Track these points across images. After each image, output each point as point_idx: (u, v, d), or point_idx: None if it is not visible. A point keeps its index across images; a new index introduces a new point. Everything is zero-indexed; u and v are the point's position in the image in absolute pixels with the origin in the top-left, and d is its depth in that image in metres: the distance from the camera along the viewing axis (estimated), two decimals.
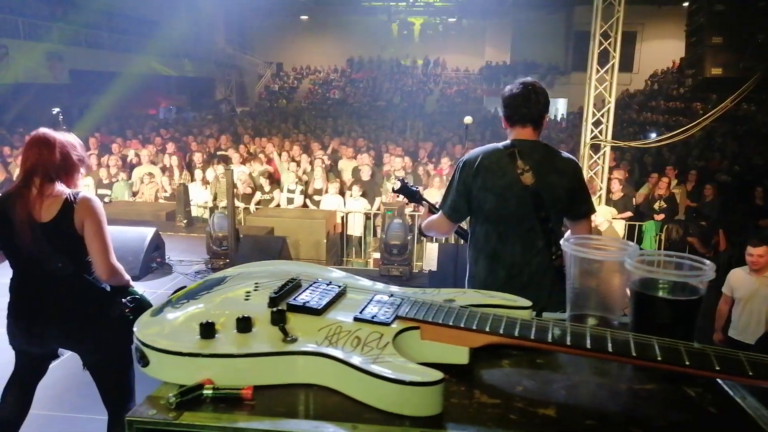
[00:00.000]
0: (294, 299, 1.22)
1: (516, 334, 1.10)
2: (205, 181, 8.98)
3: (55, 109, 4.79)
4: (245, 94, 25.01)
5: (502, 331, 1.11)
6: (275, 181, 9.07)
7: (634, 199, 8.34)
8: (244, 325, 1.12)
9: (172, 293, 1.36)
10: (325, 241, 7.11)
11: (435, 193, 7.30)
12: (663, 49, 22.11)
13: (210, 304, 1.25)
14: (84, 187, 2.41)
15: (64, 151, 2.30)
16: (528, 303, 1.28)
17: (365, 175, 8.44)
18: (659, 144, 9.09)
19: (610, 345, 1.04)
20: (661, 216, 7.89)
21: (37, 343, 2.37)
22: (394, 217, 6.98)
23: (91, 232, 2.25)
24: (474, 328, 1.12)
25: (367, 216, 8.02)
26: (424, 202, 2.81)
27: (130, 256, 5.92)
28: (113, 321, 2.34)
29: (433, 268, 6.22)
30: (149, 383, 1.11)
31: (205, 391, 1.02)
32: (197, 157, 9.80)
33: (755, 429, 1.00)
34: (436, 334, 1.14)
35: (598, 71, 7.95)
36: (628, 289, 1.21)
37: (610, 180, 8.24)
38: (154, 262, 6.45)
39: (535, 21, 24.38)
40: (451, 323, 1.14)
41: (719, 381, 1.12)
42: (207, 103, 22.52)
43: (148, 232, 6.36)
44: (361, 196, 8.02)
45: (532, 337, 1.09)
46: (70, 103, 14.40)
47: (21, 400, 2.49)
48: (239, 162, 9.55)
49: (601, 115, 8.08)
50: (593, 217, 2.77)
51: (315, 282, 1.32)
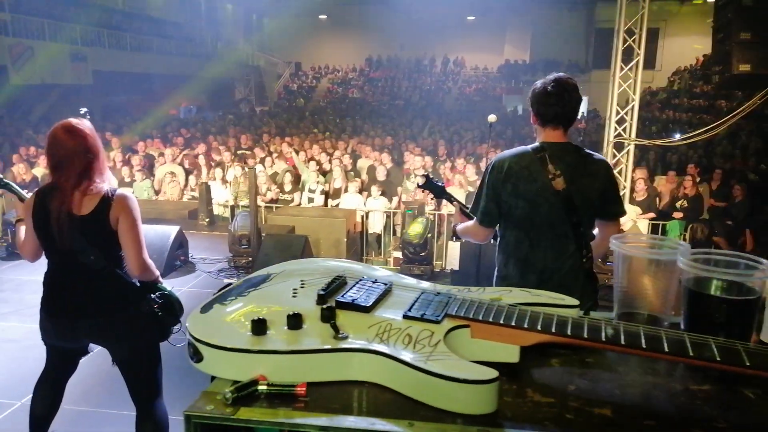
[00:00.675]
0: (342, 296, 1.22)
1: (569, 332, 1.09)
2: (224, 181, 9.04)
3: (83, 109, 4.86)
4: (264, 93, 25.13)
5: (554, 330, 1.10)
6: (297, 180, 9.11)
7: (657, 198, 8.22)
8: (295, 321, 1.13)
9: (218, 291, 1.37)
10: (345, 239, 7.12)
11: (455, 192, 7.25)
12: (686, 46, 21.75)
13: (258, 301, 1.25)
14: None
15: (93, 137, 2.35)
16: (575, 302, 1.27)
17: (383, 174, 8.44)
18: (685, 143, 8.93)
19: (665, 344, 1.03)
20: (680, 215, 7.76)
21: (69, 337, 2.41)
22: (415, 215, 6.98)
23: (126, 227, 2.30)
24: (526, 326, 1.11)
25: (386, 215, 8.02)
26: (451, 199, 2.79)
27: (155, 254, 5.91)
28: (143, 316, 2.38)
29: (455, 267, 6.21)
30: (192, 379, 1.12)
31: (260, 387, 1.03)
32: (219, 156, 9.87)
33: None
34: (487, 332, 1.13)
35: (622, 68, 7.83)
36: (682, 287, 1.19)
37: (633, 180, 8.12)
38: (177, 260, 6.53)
39: (556, 18, 24.09)
40: (501, 321, 1.13)
41: None
42: (227, 102, 22.68)
43: (172, 231, 6.44)
44: (380, 195, 8.02)
45: (585, 335, 1.08)
46: (92, 103, 14.60)
47: (52, 396, 2.54)
48: (260, 161, 9.61)
49: (625, 113, 7.96)
50: None
51: (361, 279, 1.32)
